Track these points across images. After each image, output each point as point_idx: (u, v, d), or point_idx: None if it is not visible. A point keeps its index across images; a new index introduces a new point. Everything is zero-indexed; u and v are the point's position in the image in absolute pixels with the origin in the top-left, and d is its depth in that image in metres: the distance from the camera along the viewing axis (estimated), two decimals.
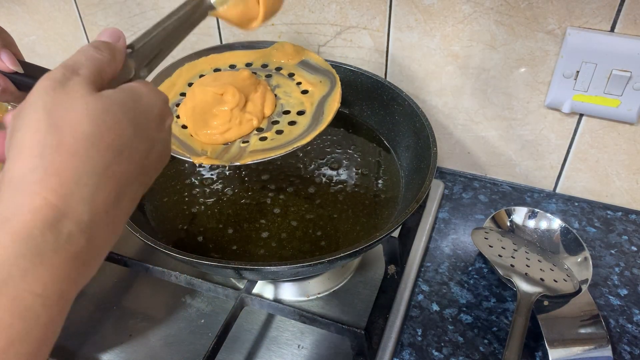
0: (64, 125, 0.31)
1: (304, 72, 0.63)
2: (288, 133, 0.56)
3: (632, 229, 0.71)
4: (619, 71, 0.61)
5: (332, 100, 0.59)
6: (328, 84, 0.61)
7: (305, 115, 0.58)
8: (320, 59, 0.64)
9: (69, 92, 0.32)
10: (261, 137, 0.56)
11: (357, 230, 0.61)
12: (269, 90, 0.60)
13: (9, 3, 0.90)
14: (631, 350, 0.58)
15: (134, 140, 0.34)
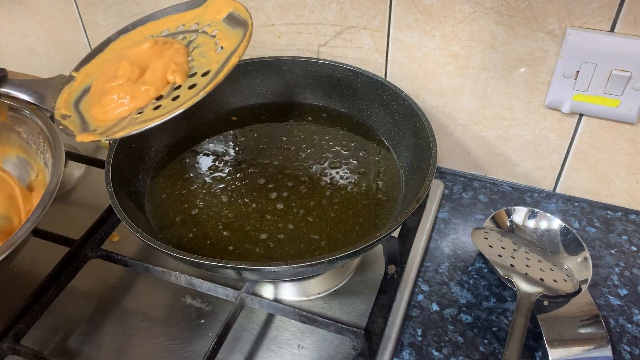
0: None
1: (227, 26, 0.57)
2: (183, 98, 0.51)
3: (632, 229, 0.71)
4: (618, 71, 0.61)
5: (235, 55, 0.53)
6: (242, 34, 0.55)
7: (208, 75, 0.53)
8: (244, 11, 0.57)
9: None
10: (155, 107, 0.52)
11: (357, 230, 0.61)
12: (179, 54, 0.55)
13: (9, 3, 0.90)
14: (631, 350, 0.58)
15: None
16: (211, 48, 0.56)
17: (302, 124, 0.74)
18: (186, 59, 0.56)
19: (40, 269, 0.63)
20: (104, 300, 0.64)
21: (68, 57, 0.94)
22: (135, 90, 0.53)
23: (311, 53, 0.77)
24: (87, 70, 0.61)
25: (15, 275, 0.65)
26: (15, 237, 0.52)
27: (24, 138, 0.67)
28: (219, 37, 0.57)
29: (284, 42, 0.77)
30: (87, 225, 0.66)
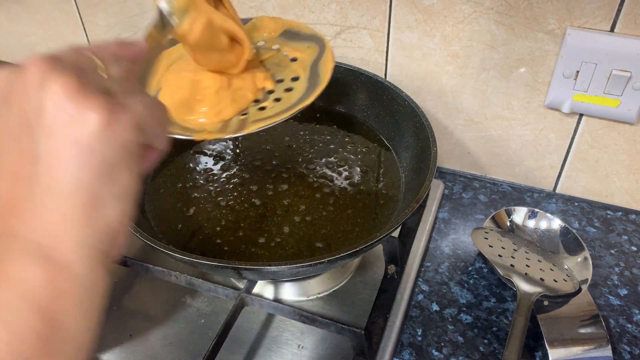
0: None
1: (288, 41, 0.61)
2: (287, 99, 0.54)
3: (632, 228, 0.71)
4: (618, 71, 0.61)
5: (326, 61, 0.57)
6: (317, 48, 0.59)
7: (300, 80, 0.56)
8: (303, 26, 0.61)
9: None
10: (260, 107, 0.54)
11: (357, 231, 0.61)
12: (256, 64, 0.58)
13: (9, 3, 0.90)
14: (631, 350, 0.58)
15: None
16: (282, 59, 0.59)
17: (303, 124, 0.75)
18: (262, 67, 0.58)
19: None
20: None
21: None
22: (234, 95, 0.55)
23: None
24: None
25: None
26: None
27: None
28: (284, 50, 0.60)
29: None
30: None
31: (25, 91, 0.28)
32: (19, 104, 0.29)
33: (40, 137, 0.28)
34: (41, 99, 0.28)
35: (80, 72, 0.29)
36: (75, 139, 0.28)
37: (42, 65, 0.28)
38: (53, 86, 0.28)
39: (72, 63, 0.30)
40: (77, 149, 0.28)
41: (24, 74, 0.29)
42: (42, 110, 0.28)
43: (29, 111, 0.28)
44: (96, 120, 0.28)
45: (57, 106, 0.28)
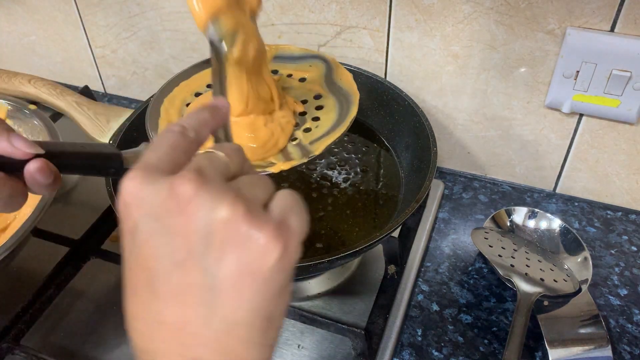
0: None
1: (286, 64, 0.62)
2: (325, 116, 0.56)
3: (632, 229, 0.71)
4: (619, 71, 0.61)
5: (341, 74, 0.60)
6: (320, 64, 0.61)
7: (325, 97, 0.58)
8: (292, 47, 0.63)
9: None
10: (305, 129, 0.56)
11: (356, 230, 0.61)
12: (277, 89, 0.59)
13: (9, 3, 0.90)
14: (631, 350, 0.58)
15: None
16: (290, 81, 0.60)
17: None
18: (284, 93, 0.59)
19: (40, 269, 0.63)
20: (104, 300, 0.64)
21: (68, 57, 0.94)
22: (281, 124, 0.55)
23: None
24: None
25: (15, 275, 0.65)
26: (14, 237, 0.52)
27: None
28: (287, 73, 0.61)
29: (284, 42, 0.77)
30: (87, 225, 0.66)
31: (185, 212, 0.28)
32: (180, 226, 0.28)
33: (211, 264, 0.28)
34: (210, 224, 0.27)
35: (237, 189, 0.29)
36: (253, 270, 0.27)
37: (193, 182, 0.28)
38: (221, 211, 0.27)
39: (217, 173, 0.30)
40: (256, 279, 0.28)
41: (175, 191, 0.28)
42: (212, 236, 0.27)
43: (193, 234, 0.28)
44: (274, 252, 0.28)
45: (230, 233, 0.27)
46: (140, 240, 0.29)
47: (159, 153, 0.31)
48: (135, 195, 0.29)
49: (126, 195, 0.29)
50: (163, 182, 0.29)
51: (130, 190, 0.29)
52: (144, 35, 0.85)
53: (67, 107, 0.77)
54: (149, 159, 0.30)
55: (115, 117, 0.75)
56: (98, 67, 0.93)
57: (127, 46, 0.88)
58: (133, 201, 0.29)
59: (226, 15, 0.44)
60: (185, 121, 0.33)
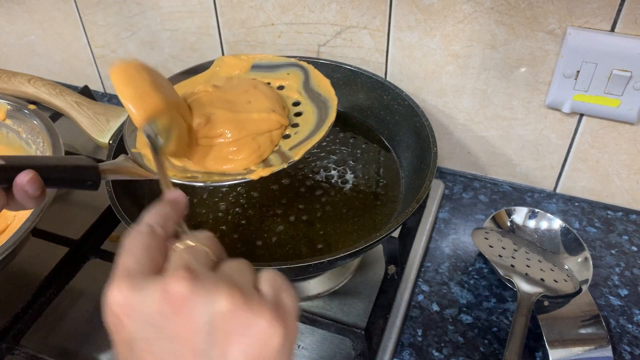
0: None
1: (264, 73, 0.62)
2: (304, 123, 0.57)
3: (633, 229, 0.71)
4: (619, 71, 0.61)
5: (319, 80, 0.60)
6: (298, 71, 0.61)
7: (303, 103, 0.58)
8: (270, 56, 0.63)
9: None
10: (284, 136, 0.56)
11: (357, 230, 0.61)
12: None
13: (8, 3, 0.90)
14: (631, 351, 0.58)
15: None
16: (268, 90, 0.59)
17: None
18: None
19: (40, 269, 0.63)
20: None
21: (67, 56, 0.94)
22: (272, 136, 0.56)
23: (311, 53, 0.77)
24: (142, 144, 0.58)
25: (15, 275, 0.65)
26: (14, 237, 0.52)
27: (24, 138, 0.67)
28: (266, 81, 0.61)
29: (284, 41, 0.77)
30: (87, 225, 0.66)
31: (182, 312, 0.27)
32: (180, 327, 0.27)
33: (218, 358, 0.27)
34: (211, 319, 0.27)
35: (228, 278, 0.29)
36: (260, 355, 0.27)
37: (185, 280, 0.28)
38: (220, 303, 0.27)
39: (203, 266, 0.30)
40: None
41: (169, 292, 0.27)
42: (215, 331, 0.27)
43: (195, 333, 0.27)
44: (277, 334, 0.28)
45: (232, 323, 0.27)
46: (138, 350, 0.28)
47: (135, 256, 0.30)
48: (124, 305, 0.28)
49: (115, 306, 0.28)
50: (153, 285, 0.28)
51: (118, 301, 0.28)
52: (143, 35, 0.85)
53: (67, 107, 0.77)
54: (128, 264, 0.30)
55: (115, 117, 0.74)
56: (98, 67, 0.93)
57: (127, 46, 0.87)
58: (124, 311, 0.28)
59: (162, 116, 0.47)
60: (150, 219, 0.33)
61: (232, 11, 0.76)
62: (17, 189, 0.37)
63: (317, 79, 0.61)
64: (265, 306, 0.28)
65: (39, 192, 0.37)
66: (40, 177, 0.38)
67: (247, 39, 0.78)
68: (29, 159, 0.40)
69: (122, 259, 0.30)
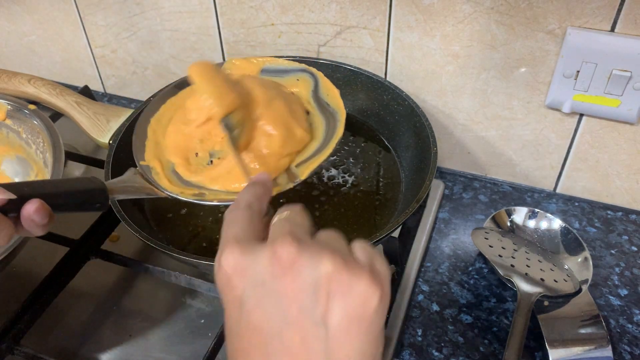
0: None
1: (274, 78, 0.62)
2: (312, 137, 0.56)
3: (633, 229, 0.71)
4: (619, 71, 0.61)
5: (328, 89, 0.60)
6: (308, 78, 0.61)
7: (312, 114, 0.58)
8: (281, 60, 0.63)
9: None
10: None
11: (357, 230, 0.61)
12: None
13: (8, 3, 0.90)
14: (631, 351, 0.58)
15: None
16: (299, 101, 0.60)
17: None
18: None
19: (40, 269, 0.63)
20: (104, 300, 0.64)
21: (68, 56, 0.94)
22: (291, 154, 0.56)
23: (311, 53, 0.77)
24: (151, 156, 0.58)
25: (15, 275, 0.65)
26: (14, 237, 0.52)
27: (24, 138, 0.67)
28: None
29: (284, 41, 0.77)
30: (87, 225, 0.66)
31: (290, 273, 0.30)
32: (287, 287, 0.30)
33: (321, 316, 0.30)
34: (316, 280, 0.30)
35: (328, 244, 0.32)
36: (360, 314, 0.30)
37: (293, 245, 0.30)
38: (324, 266, 0.30)
39: (305, 234, 0.33)
40: (363, 323, 0.30)
41: (278, 255, 0.30)
42: (319, 290, 0.30)
43: (301, 292, 0.30)
44: (375, 296, 0.30)
45: (335, 284, 0.30)
46: (249, 307, 0.31)
47: (240, 227, 0.34)
48: (237, 266, 0.31)
49: (228, 268, 0.31)
50: (263, 249, 0.31)
51: (231, 263, 0.31)
52: (143, 35, 0.85)
53: (67, 107, 0.77)
54: (236, 234, 0.33)
55: (115, 117, 0.74)
56: (98, 67, 0.93)
57: (127, 46, 0.87)
58: (235, 272, 0.31)
59: (237, 111, 0.51)
60: (245, 197, 0.37)
61: (232, 11, 0.76)
62: (24, 218, 0.38)
63: (326, 87, 0.60)
64: (364, 270, 0.31)
65: (46, 220, 0.39)
66: (47, 206, 0.38)
67: (247, 39, 0.78)
68: (36, 187, 0.40)
69: (229, 229, 0.34)
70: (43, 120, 0.65)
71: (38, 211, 0.38)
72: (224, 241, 0.33)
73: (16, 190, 0.38)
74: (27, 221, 0.38)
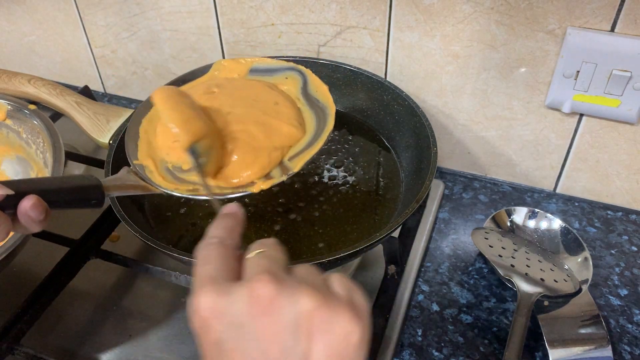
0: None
1: (263, 77, 0.62)
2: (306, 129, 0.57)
3: (633, 229, 0.71)
4: (619, 71, 0.61)
5: (317, 86, 0.60)
6: (296, 76, 0.61)
7: (302, 110, 0.59)
8: (269, 60, 0.64)
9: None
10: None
11: (357, 230, 0.61)
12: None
13: (8, 3, 0.90)
14: (631, 351, 0.58)
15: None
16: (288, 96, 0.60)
17: None
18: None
19: (40, 269, 0.63)
20: (104, 300, 0.64)
21: (68, 57, 0.94)
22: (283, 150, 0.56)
23: (311, 53, 0.77)
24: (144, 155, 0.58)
25: (15, 275, 0.65)
26: (14, 237, 0.52)
27: (24, 138, 0.67)
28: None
29: (284, 41, 0.77)
30: (87, 225, 0.66)
31: (270, 313, 0.29)
32: (267, 327, 0.29)
33: (303, 355, 0.29)
34: (296, 318, 0.29)
35: (306, 280, 0.31)
36: (342, 351, 0.29)
37: (272, 283, 0.30)
38: (304, 303, 0.29)
39: (282, 270, 0.32)
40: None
41: (256, 294, 0.29)
42: (299, 329, 0.29)
43: (282, 331, 0.29)
44: (357, 332, 0.30)
45: (315, 321, 0.29)
46: (227, 349, 0.30)
47: (214, 265, 0.33)
48: (214, 309, 0.30)
49: (204, 311, 0.30)
50: (239, 289, 0.30)
51: (207, 305, 0.30)
52: (143, 35, 0.85)
53: (67, 107, 0.77)
54: (210, 273, 0.32)
55: (115, 117, 0.74)
56: (98, 67, 0.93)
57: (127, 46, 0.88)
58: (213, 315, 0.30)
59: (205, 139, 0.50)
60: (217, 232, 0.36)
61: (232, 11, 0.76)
62: (21, 214, 0.38)
63: (315, 84, 0.61)
64: (344, 305, 0.30)
65: (42, 216, 0.38)
66: (43, 202, 0.39)
67: (247, 39, 0.78)
68: (33, 183, 0.40)
69: (202, 269, 0.33)
70: (43, 120, 0.65)
71: (34, 207, 0.38)
72: (198, 282, 0.32)
73: (13, 187, 0.38)
74: (23, 217, 0.38)
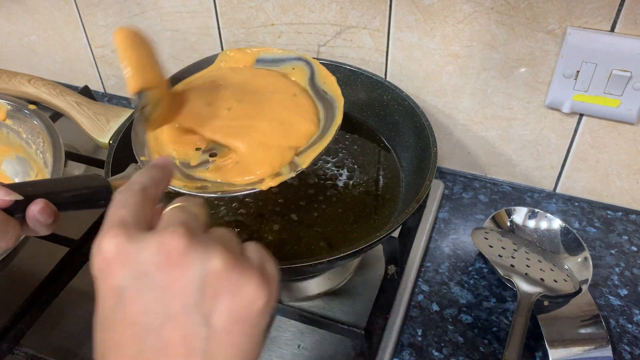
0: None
1: (269, 67, 0.61)
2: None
3: (633, 229, 0.71)
4: (619, 71, 0.61)
5: (324, 77, 0.59)
6: (304, 67, 0.61)
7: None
8: (275, 50, 0.63)
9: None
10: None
11: (357, 230, 0.61)
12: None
13: (8, 3, 0.90)
14: (631, 351, 0.58)
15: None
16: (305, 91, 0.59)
17: None
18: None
19: (40, 269, 0.63)
20: None
21: (68, 57, 0.94)
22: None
23: (311, 53, 0.77)
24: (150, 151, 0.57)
25: (15, 275, 0.65)
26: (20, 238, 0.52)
27: (24, 138, 0.67)
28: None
29: (284, 42, 0.77)
30: (87, 225, 0.66)
31: (178, 266, 0.28)
32: (172, 280, 0.28)
33: (205, 314, 0.28)
34: (204, 276, 0.28)
35: (224, 242, 0.31)
36: (244, 316, 0.29)
37: (184, 237, 0.29)
38: (214, 262, 0.29)
39: (199, 226, 0.31)
40: (246, 325, 0.29)
41: (166, 246, 0.29)
42: (205, 287, 0.28)
43: (187, 286, 0.28)
44: (262, 299, 0.29)
45: (223, 282, 0.29)
46: (127, 297, 0.29)
47: (129, 210, 0.31)
48: (119, 252, 0.29)
49: (109, 252, 0.29)
50: (150, 238, 0.29)
51: (112, 248, 0.29)
52: None
53: (67, 107, 0.77)
54: (123, 217, 0.31)
55: (115, 117, 0.74)
56: (98, 67, 0.93)
57: None
58: (117, 258, 0.29)
59: (155, 89, 0.49)
60: (139, 179, 0.35)
61: (232, 11, 0.76)
62: (29, 219, 0.38)
63: (322, 74, 0.59)
64: (254, 270, 0.30)
65: (50, 219, 0.38)
66: (52, 205, 0.38)
67: (247, 39, 0.78)
68: (41, 186, 0.40)
69: (116, 211, 0.31)
70: (43, 120, 0.65)
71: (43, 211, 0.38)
72: (108, 223, 0.30)
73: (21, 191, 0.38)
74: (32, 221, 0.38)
